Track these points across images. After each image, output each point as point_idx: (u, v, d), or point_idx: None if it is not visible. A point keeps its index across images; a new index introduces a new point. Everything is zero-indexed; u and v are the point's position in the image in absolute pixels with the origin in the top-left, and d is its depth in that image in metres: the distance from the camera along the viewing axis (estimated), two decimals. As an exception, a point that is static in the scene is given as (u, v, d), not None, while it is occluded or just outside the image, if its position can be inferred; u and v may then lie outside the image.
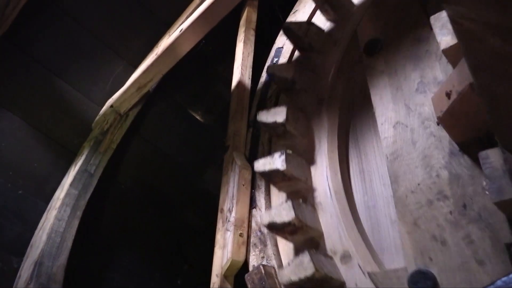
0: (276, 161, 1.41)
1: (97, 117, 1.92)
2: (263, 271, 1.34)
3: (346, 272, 1.21)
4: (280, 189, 1.52)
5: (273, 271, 1.36)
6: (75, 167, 1.76)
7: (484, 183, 1.02)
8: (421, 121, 1.23)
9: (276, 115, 1.52)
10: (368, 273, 1.15)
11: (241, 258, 1.48)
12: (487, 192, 1.01)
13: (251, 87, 1.93)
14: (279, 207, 1.30)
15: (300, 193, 1.46)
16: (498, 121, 0.91)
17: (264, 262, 1.41)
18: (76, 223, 1.63)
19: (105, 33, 2.02)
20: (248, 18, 2.25)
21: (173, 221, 2.04)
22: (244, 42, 2.06)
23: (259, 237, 1.49)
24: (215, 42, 2.21)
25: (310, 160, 1.51)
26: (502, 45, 0.75)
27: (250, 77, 1.96)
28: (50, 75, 1.87)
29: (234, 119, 1.83)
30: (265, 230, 1.48)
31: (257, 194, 1.58)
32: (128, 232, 1.91)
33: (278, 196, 1.54)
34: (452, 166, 1.10)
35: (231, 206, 1.57)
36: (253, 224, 1.54)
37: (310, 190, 1.44)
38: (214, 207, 1.80)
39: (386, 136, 1.30)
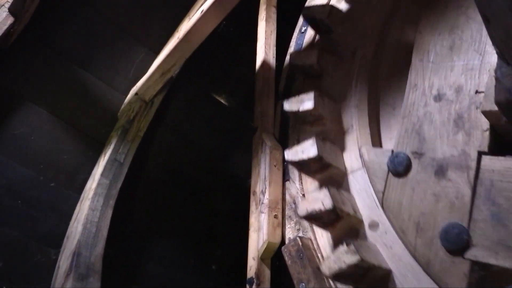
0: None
1: (123, 106, 1.91)
2: (300, 243, 1.33)
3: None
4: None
5: (310, 243, 1.34)
6: (104, 156, 1.75)
7: None
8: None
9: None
10: None
11: (277, 240, 1.46)
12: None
13: (276, 66, 1.88)
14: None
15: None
16: None
17: (300, 234, 1.39)
18: (109, 212, 1.63)
19: (125, 20, 1.99)
20: (268, -5, 2.19)
21: (203, 207, 2.03)
22: (266, 20, 2.01)
23: (294, 210, 1.47)
24: (236, 22, 2.16)
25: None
26: None
27: (275, 56, 1.91)
28: (72, 66, 1.86)
29: (260, 100, 1.79)
30: (300, 202, 1.46)
31: (290, 166, 1.55)
32: (160, 219, 1.90)
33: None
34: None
35: (263, 188, 1.54)
36: (287, 197, 1.52)
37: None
38: (244, 190, 1.78)
39: None
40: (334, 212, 1.22)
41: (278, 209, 1.50)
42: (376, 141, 1.43)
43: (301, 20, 1.81)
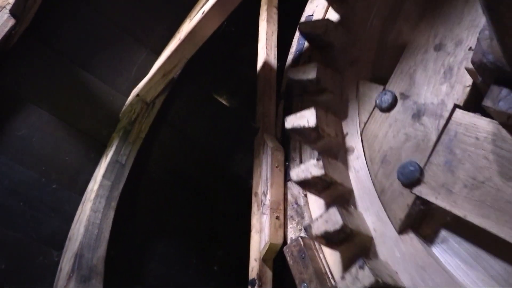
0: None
1: (124, 107, 1.91)
2: (302, 243, 1.34)
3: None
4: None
5: (312, 243, 1.35)
6: (106, 158, 1.75)
7: None
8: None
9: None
10: None
11: (279, 241, 1.46)
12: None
13: (277, 66, 1.88)
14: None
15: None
16: None
17: (302, 234, 1.40)
18: (111, 214, 1.63)
19: (126, 21, 1.99)
20: (269, -5, 2.18)
21: (205, 208, 2.03)
22: (267, 21, 2.01)
23: (296, 210, 1.47)
24: (237, 23, 2.16)
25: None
26: None
27: (276, 57, 1.91)
28: (74, 67, 1.86)
29: (262, 101, 1.79)
30: (302, 202, 1.46)
31: (291, 166, 1.56)
32: (162, 220, 1.90)
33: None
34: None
35: (265, 189, 1.54)
36: (289, 197, 1.52)
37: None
38: (245, 191, 1.78)
39: None
40: (316, 131, 1.33)
41: (280, 210, 1.50)
42: (379, 77, 1.47)
43: (302, 20, 1.81)
